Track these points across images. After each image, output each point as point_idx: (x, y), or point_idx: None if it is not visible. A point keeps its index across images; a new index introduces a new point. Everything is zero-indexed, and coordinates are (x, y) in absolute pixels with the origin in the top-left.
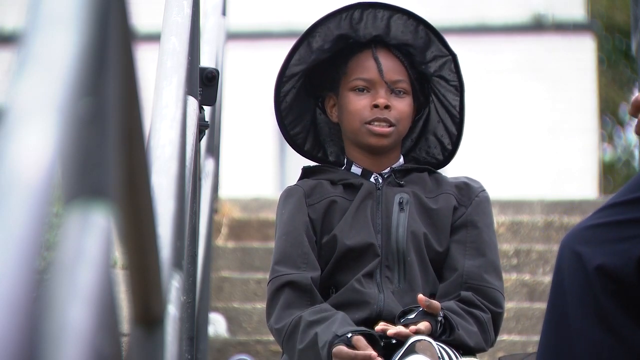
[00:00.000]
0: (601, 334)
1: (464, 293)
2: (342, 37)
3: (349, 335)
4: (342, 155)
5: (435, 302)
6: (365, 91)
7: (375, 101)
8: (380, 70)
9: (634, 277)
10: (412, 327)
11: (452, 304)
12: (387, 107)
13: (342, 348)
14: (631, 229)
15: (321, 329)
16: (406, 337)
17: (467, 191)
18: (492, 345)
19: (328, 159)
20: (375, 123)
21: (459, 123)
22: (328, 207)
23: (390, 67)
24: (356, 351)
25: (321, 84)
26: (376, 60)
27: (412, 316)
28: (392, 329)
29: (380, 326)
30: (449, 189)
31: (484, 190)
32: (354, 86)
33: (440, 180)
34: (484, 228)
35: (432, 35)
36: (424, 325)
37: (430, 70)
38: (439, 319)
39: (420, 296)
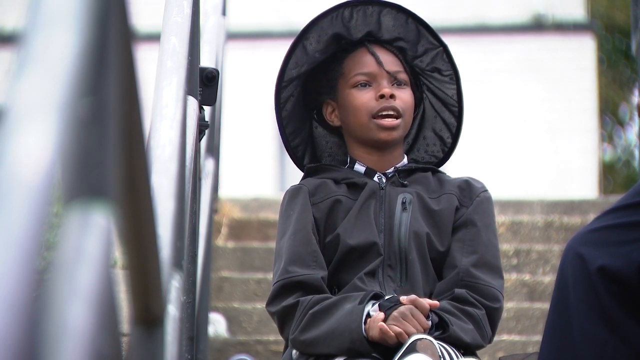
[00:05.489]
0: (605, 334)
1: (457, 290)
2: (336, 37)
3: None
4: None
5: (421, 301)
6: (367, 85)
7: (380, 92)
8: (379, 62)
9: (636, 280)
10: (430, 302)
11: (444, 303)
12: (392, 96)
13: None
14: (634, 232)
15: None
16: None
17: (469, 191)
18: (489, 341)
19: None
20: (384, 113)
21: (458, 113)
22: (332, 206)
23: (388, 59)
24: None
25: (317, 91)
26: (373, 54)
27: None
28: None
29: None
30: (452, 189)
31: (485, 190)
32: (355, 82)
33: (444, 181)
34: (482, 227)
35: (421, 28)
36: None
37: (423, 64)
38: (430, 319)
39: (403, 297)
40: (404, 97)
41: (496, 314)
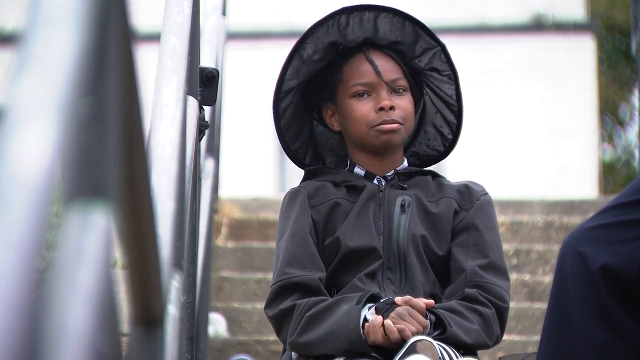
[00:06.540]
0: (604, 333)
1: (468, 290)
2: (332, 45)
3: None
4: (340, 164)
5: (416, 301)
6: (366, 95)
7: (380, 104)
8: (377, 72)
9: (636, 278)
10: (426, 301)
11: (452, 303)
12: (391, 107)
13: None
14: (634, 230)
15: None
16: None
17: (469, 195)
18: (497, 341)
19: None
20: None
21: (458, 111)
22: (331, 209)
23: (386, 66)
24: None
25: (317, 96)
26: (371, 62)
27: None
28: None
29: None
30: (451, 193)
31: (485, 193)
32: (354, 92)
33: (443, 185)
34: (485, 230)
35: (418, 29)
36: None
37: (421, 64)
38: (427, 318)
39: (398, 298)
40: (404, 105)
41: (505, 313)
